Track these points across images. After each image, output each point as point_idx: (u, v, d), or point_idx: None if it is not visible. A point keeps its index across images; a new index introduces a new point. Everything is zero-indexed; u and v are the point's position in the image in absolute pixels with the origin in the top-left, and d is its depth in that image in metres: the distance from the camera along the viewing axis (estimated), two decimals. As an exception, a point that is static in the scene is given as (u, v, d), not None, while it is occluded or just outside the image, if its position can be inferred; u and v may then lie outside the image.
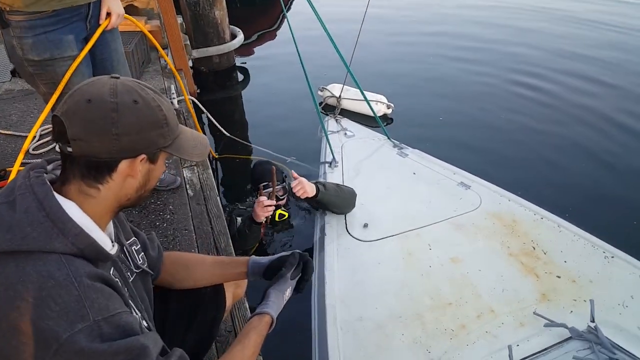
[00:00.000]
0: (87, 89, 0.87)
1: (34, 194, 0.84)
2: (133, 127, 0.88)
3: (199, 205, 2.62)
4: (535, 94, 5.04)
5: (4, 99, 3.84)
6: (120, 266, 1.05)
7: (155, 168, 0.98)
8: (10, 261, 0.81)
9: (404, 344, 2.01)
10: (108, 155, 0.88)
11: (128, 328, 0.85)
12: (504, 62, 5.81)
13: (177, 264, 1.39)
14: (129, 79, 0.93)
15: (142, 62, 4.22)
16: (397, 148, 3.28)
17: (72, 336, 0.77)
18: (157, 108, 0.92)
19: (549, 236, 2.47)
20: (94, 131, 0.85)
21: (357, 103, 4.25)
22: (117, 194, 0.94)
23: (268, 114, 4.69)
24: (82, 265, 0.84)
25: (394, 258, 2.39)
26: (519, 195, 2.76)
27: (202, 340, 1.46)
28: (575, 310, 2.07)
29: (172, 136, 0.96)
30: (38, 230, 0.82)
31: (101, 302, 0.82)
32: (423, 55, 5.94)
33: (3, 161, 3.00)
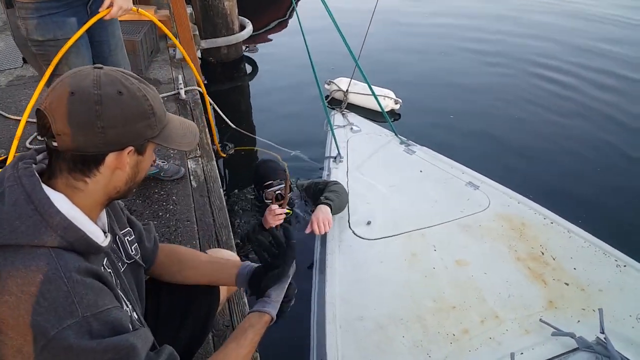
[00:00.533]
0: (69, 81, 0.85)
1: (22, 186, 0.82)
2: (118, 119, 0.85)
3: (202, 197, 2.58)
4: (551, 93, 4.91)
5: (15, 84, 3.83)
6: (113, 257, 1.03)
7: (144, 159, 0.96)
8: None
9: (404, 347, 1.96)
10: (94, 149, 0.86)
11: (117, 324, 0.84)
12: (518, 59, 5.66)
13: (171, 258, 1.36)
14: (113, 69, 0.90)
15: (150, 52, 4.18)
16: (404, 145, 3.21)
17: (61, 332, 0.75)
18: (142, 98, 0.89)
19: (559, 241, 2.40)
20: (78, 125, 0.83)
21: (365, 97, 4.19)
22: (106, 186, 0.92)
23: (274, 106, 4.64)
24: (72, 260, 0.83)
25: (397, 258, 2.33)
26: (529, 198, 2.68)
27: (196, 334, 1.44)
28: (584, 319, 2.01)
29: (159, 126, 0.93)
30: (27, 224, 0.80)
31: (90, 298, 0.81)
32: (434, 51, 5.84)
33: (8, 146, 2.98)
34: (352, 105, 4.23)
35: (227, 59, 5.36)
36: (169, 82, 3.86)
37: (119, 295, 0.94)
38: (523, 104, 4.62)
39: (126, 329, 0.85)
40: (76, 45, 1.98)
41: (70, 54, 1.97)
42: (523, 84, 5.08)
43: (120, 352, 0.81)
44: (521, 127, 4.26)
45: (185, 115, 3.38)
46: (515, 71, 5.37)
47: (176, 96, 3.57)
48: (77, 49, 1.99)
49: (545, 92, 4.89)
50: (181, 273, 1.35)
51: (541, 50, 5.87)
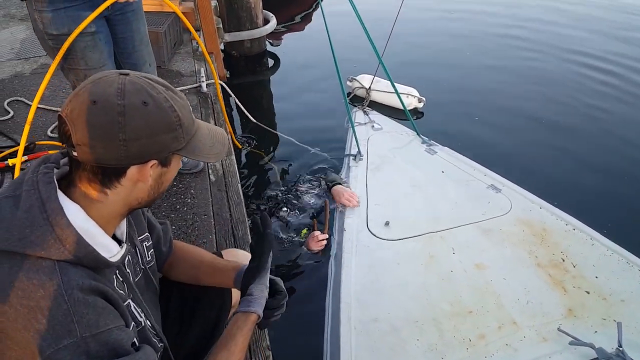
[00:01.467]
0: (92, 88, 0.80)
1: (39, 192, 0.79)
2: (142, 131, 0.81)
3: (219, 192, 2.59)
4: (588, 93, 4.69)
5: (38, 72, 3.88)
6: (126, 268, 1.00)
7: (169, 170, 0.92)
8: (5, 261, 0.77)
9: (419, 350, 1.94)
10: (115, 162, 0.81)
11: (117, 346, 0.80)
12: (551, 58, 5.46)
13: (177, 256, 1.33)
14: (140, 75, 0.84)
15: (174, 44, 4.20)
16: (425, 144, 3.18)
17: (57, 352, 0.73)
18: (169, 109, 0.84)
19: (581, 249, 2.34)
20: (99, 137, 0.79)
21: (387, 95, 4.15)
22: (126, 198, 0.88)
23: (295, 101, 4.63)
24: (77, 276, 0.79)
25: (415, 260, 2.31)
26: (554, 205, 2.62)
27: (206, 335, 1.40)
28: (604, 330, 1.96)
29: (186, 138, 0.89)
30: (36, 234, 0.77)
31: (91, 318, 0.78)
32: (462, 50, 5.67)
33: (33, 134, 3.03)
34: (374, 103, 4.18)
35: (250, 52, 5.35)
36: (191, 75, 3.88)
37: (125, 313, 0.90)
38: (553, 108, 4.40)
39: (127, 351, 0.82)
40: (94, 39, 1.94)
41: (87, 48, 1.93)
42: (555, 86, 4.88)
43: None
44: (550, 132, 4.08)
45: (206, 109, 3.39)
46: (546, 72, 5.16)
47: (198, 89, 3.59)
48: (94, 42, 1.94)
49: (575, 97, 4.64)
50: (185, 272, 1.33)
51: (578, 48, 5.65)
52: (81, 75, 1.97)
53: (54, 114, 3.24)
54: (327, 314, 2.18)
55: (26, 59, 4.11)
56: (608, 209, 3.19)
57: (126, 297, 0.95)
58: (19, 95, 3.47)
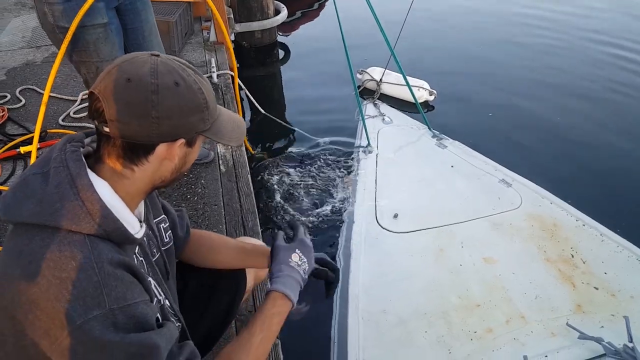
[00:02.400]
0: (126, 67, 0.83)
1: (68, 169, 0.81)
2: (174, 110, 0.84)
3: (230, 182, 2.59)
4: (609, 90, 4.57)
5: (49, 61, 3.89)
6: (146, 247, 1.02)
7: (192, 151, 0.94)
8: (37, 235, 0.79)
9: (426, 342, 1.95)
10: (146, 139, 0.84)
11: (142, 320, 0.82)
12: (566, 54, 5.33)
13: (201, 244, 1.36)
14: (170, 58, 0.87)
15: (185, 33, 4.20)
16: (436, 138, 3.17)
17: (86, 322, 0.75)
18: (198, 91, 0.86)
19: (590, 245, 2.34)
20: (132, 113, 0.81)
21: (398, 88, 4.12)
22: (152, 175, 0.91)
23: (305, 93, 4.61)
24: (106, 250, 0.82)
25: (424, 253, 2.31)
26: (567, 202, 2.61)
27: (220, 318, 1.44)
28: (612, 326, 1.96)
29: (211, 120, 0.92)
30: (67, 208, 0.79)
31: (119, 291, 0.80)
32: (474, 43, 5.57)
33: (45, 122, 3.04)
34: (384, 96, 4.16)
35: (261, 43, 5.34)
36: (201, 65, 3.88)
37: (149, 288, 0.92)
38: (568, 103, 4.33)
39: (151, 326, 0.84)
40: (105, 31, 1.93)
41: (99, 40, 1.92)
42: (571, 81, 4.76)
43: (143, 349, 0.80)
44: (565, 127, 3.98)
45: (217, 99, 3.40)
46: (562, 67, 5.02)
47: (208, 79, 3.59)
48: (106, 34, 1.94)
49: (595, 89, 4.55)
50: (210, 259, 1.36)
51: (598, 37, 5.56)
52: (92, 67, 1.96)
53: (65, 102, 3.26)
54: (335, 305, 2.19)
55: (37, 47, 4.13)
56: (622, 206, 3.13)
57: (146, 275, 0.97)
58: (30, 84, 3.49)
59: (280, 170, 3.34)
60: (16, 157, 2.67)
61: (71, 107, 3.16)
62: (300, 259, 1.19)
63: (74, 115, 3.10)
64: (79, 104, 3.21)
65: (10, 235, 0.83)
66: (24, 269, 0.77)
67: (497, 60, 5.21)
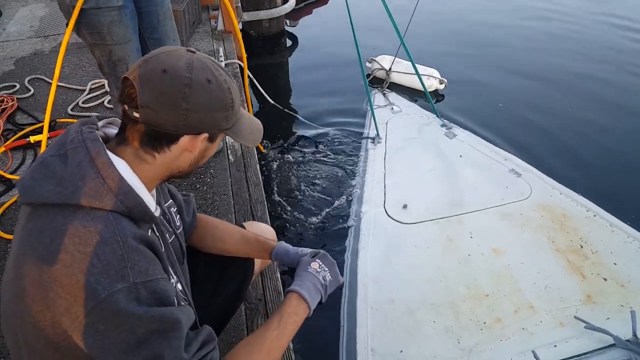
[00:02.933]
0: (163, 59, 0.86)
1: (87, 149, 0.84)
2: (202, 105, 0.87)
3: (238, 172, 2.60)
4: (624, 72, 4.49)
5: (58, 51, 3.86)
6: (162, 228, 1.04)
7: (212, 147, 0.98)
8: (59, 214, 0.81)
9: (434, 332, 1.96)
10: (172, 129, 0.87)
11: (164, 296, 0.84)
12: (581, 41, 5.23)
13: (206, 231, 1.38)
14: (205, 56, 0.91)
15: (192, 22, 4.19)
16: (445, 127, 3.15)
17: (111, 295, 0.76)
18: (227, 90, 0.91)
19: (600, 235, 2.33)
20: (164, 103, 0.84)
21: (407, 76, 4.08)
22: (170, 164, 0.93)
23: (313, 83, 4.59)
24: (129, 226, 0.84)
25: (432, 243, 2.31)
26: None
27: (229, 302, 1.46)
28: (621, 316, 1.96)
29: (234, 119, 0.96)
30: (89, 186, 0.81)
31: (142, 266, 0.82)
32: (488, 30, 5.49)
33: (53, 112, 3.05)
34: (394, 85, 4.13)
35: (268, 32, 5.31)
36: (209, 54, 3.86)
37: (167, 267, 0.95)
38: (582, 92, 4.25)
39: (171, 302, 0.86)
40: (120, 14, 1.94)
41: (113, 22, 1.93)
42: (586, 68, 4.66)
43: (165, 323, 0.82)
44: (576, 117, 3.88)
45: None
46: (575, 57, 4.91)
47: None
48: (120, 17, 1.94)
49: (614, 79, 4.43)
50: (216, 247, 1.39)
51: (607, 36, 5.40)
52: (106, 51, 1.98)
53: (74, 92, 3.27)
54: (344, 294, 2.20)
55: (45, 37, 4.14)
56: (633, 197, 3.09)
57: (163, 255, 0.98)
58: (39, 73, 3.50)
59: (288, 160, 3.34)
60: (26, 146, 2.69)
61: (80, 97, 3.17)
62: (320, 267, 1.20)
63: (82, 104, 3.11)
64: (87, 93, 3.22)
65: (28, 217, 0.84)
66: (46, 247, 0.79)
67: (510, 49, 5.12)
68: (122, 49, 1.99)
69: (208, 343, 0.94)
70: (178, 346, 0.84)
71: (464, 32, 5.47)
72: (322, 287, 1.17)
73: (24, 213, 0.86)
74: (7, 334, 0.89)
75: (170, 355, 0.82)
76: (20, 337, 0.84)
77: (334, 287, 1.21)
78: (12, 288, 0.83)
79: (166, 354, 0.81)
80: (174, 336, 0.83)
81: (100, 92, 3.24)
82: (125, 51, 2.00)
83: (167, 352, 0.81)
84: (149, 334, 0.80)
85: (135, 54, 2.05)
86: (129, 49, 2.01)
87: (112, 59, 2.00)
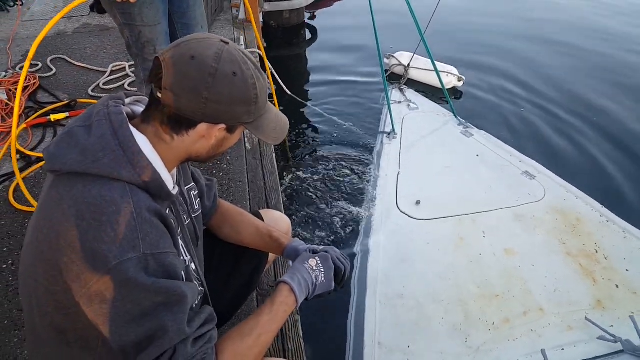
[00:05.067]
0: (194, 45, 0.88)
1: (110, 122, 0.86)
2: (224, 97, 0.88)
3: (254, 160, 2.62)
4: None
5: (81, 32, 3.94)
6: (178, 207, 1.05)
7: (231, 138, 0.98)
8: (79, 182, 0.83)
9: (443, 328, 1.97)
10: (191, 114, 0.88)
11: (172, 270, 0.86)
12: (612, 47, 5.12)
13: (225, 220, 1.39)
14: (237, 48, 0.91)
15: (214, 10, 4.21)
16: (462, 126, 3.14)
17: (121, 264, 0.78)
18: (252, 86, 0.91)
19: (613, 241, 2.32)
20: (186, 88, 0.85)
21: (425, 73, 4.06)
22: (188, 148, 0.95)
23: (331, 76, 4.59)
24: (144, 198, 0.86)
25: (444, 241, 2.32)
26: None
27: (243, 287, 1.49)
28: (631, 324, 1.95)
29: (256, 115, 0.96)
30: (109, 157, 0.83)
31: (153, 238, 0.83)
32: (509, 33, 5.42)
33: (75, 92, 3.10)
34: (411, 81, 4.13)
35: (289, 23, 5.32)
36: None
37: (178, 244, 0.96)
38: (603, 100, 4.12)
39: (179, 277, 0.88)
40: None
41: (144, 4, 1.96)
42: (616, 74, 4.54)
43: (172, 297, 0.84)
44: (595, 122, 3.84)
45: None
46: (608, 63, 4.79)
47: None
48: (152, 1, 1.98)
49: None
50: (233, 236, 1.40)
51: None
52: (136, 31, 2.01)
53: (95, 73, 3.31)
54: (353, 286, 2.21)
55: (69, 18, 4.18)
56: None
57: (177, 233, 0.99)
58: (61, 54, 3.55)
59: (304, 152, 3.35)
60: (46, 124, 2.72)
61: (101, 78, 3.21)
62: (316, 266, 1.20)
63: (103, 86, 3.15)
64: (108, 75, 3.25)
65: (52, 185, 0.86)
66: (65, 213, 0.81)
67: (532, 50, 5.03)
68: (151, 31, 2.02)
69: (208, 322, 0.96)
70: (181, 320, 0.85)
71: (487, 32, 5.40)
72: (311, 285, 1.17)
73: (48, 181, 0.89)
74: (23, 296, 0.92)
75: (174, 328, 0.83)
76: (34, 299, 0.87)
77: (322, 290, 1.20)
78: (31, 251, 0.86)
79: (170, 326, 0.83)
80: (178, 310, 0.85)
81: (121, 75, 3.28)
82: (154, 33, 2.03)
83: (170, 325, 0.83)
84: (155, 306, 0.82)
85: (163, 37, 2.08)
86: (157, 32, 2.04)
87: (140, 40, 2.04)
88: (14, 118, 2.03)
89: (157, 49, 2.07)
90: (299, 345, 1.72)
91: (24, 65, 1.96)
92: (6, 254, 1.95)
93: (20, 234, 2.04)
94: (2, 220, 2.12)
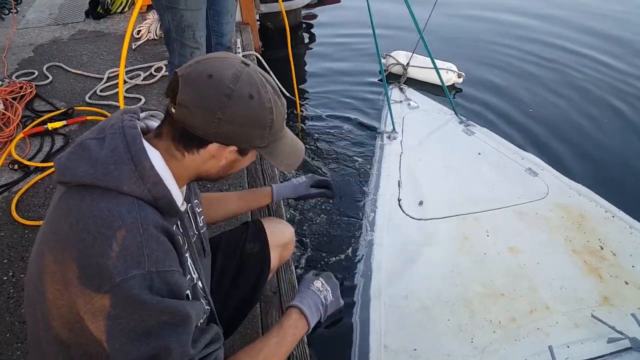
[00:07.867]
0: (214, 64, 0.87)
1: (124, 136, 0.85)
2: (238, 119, 0.87)
3: (254, 164, 2.60)
4: None
5: (76, 39, 3.93)
6: (186, 224, 1.04)
7: (243, 160, 0.98)
8: (87, 195, 0.82)
9: (448, 329, 1.95)
10: (202, 133, 0.87)
11: (176, 289, 0.84)
12: (616, 46, 4.96)
13: (210, 201, 1.43)
14: (258, 70, 0.91)
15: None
16: (463, 124, 3.12)
17: (125, 281, 0.77)
18: (268, 110, 0.90)
19: (619, 237, 2.30)
20: (201, 106, 0.85)
21: (424, 71, 4.02)
22: (198, 167, 0.94)
23: (329, 76, 4.56)
24: (152, 214, 0.85)
25: (448, 240, 2.30)
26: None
27: (246, 298, 1.46)
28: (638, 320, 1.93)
29: (270, 139, 0.95)
30: (120, 170, 0.83)
31: (159, 255, 0.82)
32: (509, 32, 5.35)
33: (72, 100, 3.08)
34: (410, 80, 4.09)
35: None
36: (227, 46, 3.87)
37: (184, 262, 0.95)
38: (607, 95, 4.05)
39: (183, 297, 0.86)
40: None
41: None
42: (624, 80, 4.38)
43: (176, 317, 0.82)
44: (598, 120, 3.81)
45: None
46: (614, 63, 4.64)
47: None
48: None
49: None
50: (219, 213, 1.45)
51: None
52: (178, 15, 2.06)
53: (92, 80, 3.29)
54: (357, 289, 2.20)
55: (64, 25, 4.17)
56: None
57: (184, 250, 0.98)
58: (57, 61, 3.53)
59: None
60: (44, 133, 2.71)
61: (98, 85, 3.19)
62: (322, 286, 1.20)
63: (100, 93, 3.13)
64: (105, 82, 3.23)
65: (61, 197, 0.86)
66: (72, 226, 0.80)
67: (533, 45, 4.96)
68: (193, 16, 2.08)
69: (214, 342, 0.94)
70: (186, 341, 0.83)
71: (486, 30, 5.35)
72: (322, 306, 1.16)
73: (58, 192, 0.88)
74: (28, 309, 0.91)
75: (178, 349, 0.82)
76: (39, 312, 0.85)
77: (333, 308, 1.20)
78: (37, 264, 0.85)
79: (173, 347, 0.81)
80: (183, 330, 0.83)
81: (117, 82, 3.26)
82: (195, 18, 2.09)
83: (174, 346, 0.81)
84: (159, 326, 0.80)
85: (202, 23, 2.14)
86: (198, 16, 2.10)
87: (181, 25, 2.09)
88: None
89: (196, 34, 2.13)
90: (304, 350, 1.70)
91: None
92: (7, 266, 1.94)
93: (20, 245, 2.03)
94: (2, 232, 2.10)
